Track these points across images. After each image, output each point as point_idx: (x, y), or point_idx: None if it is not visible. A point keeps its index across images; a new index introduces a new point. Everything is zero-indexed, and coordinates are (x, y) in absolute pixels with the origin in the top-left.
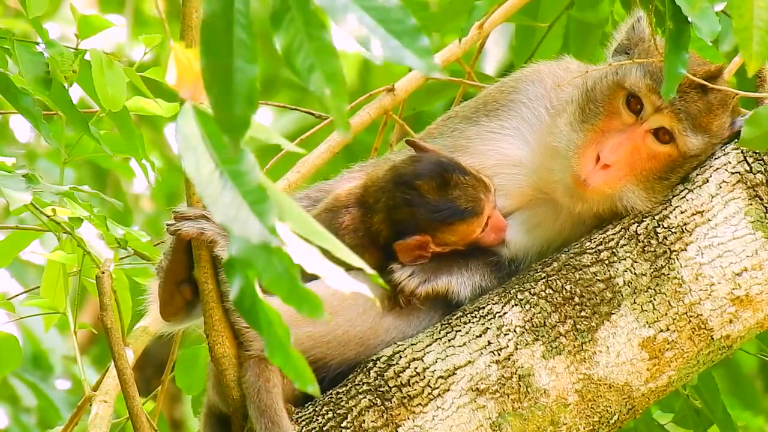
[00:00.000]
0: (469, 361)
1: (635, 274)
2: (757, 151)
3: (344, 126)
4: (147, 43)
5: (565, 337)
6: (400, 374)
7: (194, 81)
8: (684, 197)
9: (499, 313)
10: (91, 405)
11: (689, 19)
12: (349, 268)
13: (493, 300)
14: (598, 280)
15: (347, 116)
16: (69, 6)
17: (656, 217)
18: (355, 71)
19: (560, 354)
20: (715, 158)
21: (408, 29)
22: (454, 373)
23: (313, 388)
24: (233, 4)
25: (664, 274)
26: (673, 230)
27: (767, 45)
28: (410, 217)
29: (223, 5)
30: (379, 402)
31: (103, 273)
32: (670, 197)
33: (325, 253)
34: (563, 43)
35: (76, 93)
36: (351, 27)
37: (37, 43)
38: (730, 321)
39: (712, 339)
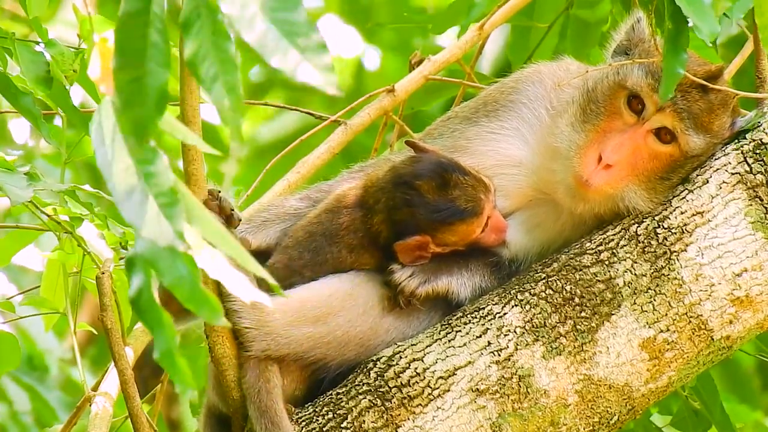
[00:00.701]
0: (469, 362)
1: (635, 274)
2: (758, 152)
3: (238, 137)
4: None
5: (566, 337)
6: (400, 375)
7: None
8: (684, 198)
9: (499, 313)
10: (90, 405)
11: (688, 20)
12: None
13: (493, 300)
14: (599, 281)
15: (241, 128)
16: (72, 6)
17: (656, 218)
18: (351, 75)
19: (560, 354)
20: (715, 159)
21: (312, 45)
22: (454, 374)
23: (191, 395)
24: (150, 6)
25: (664, 274)
26: (673, 231)
27: None
28: (410, 218)
29: (139, 7)
30: (379, 402)
31: (103, 273)
32: (670, 198)
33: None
34: (560, 42)
35: (75, 96)
36: (256, 38)
37: (38, 43)
38: (730, 321)
39: (713, 339)
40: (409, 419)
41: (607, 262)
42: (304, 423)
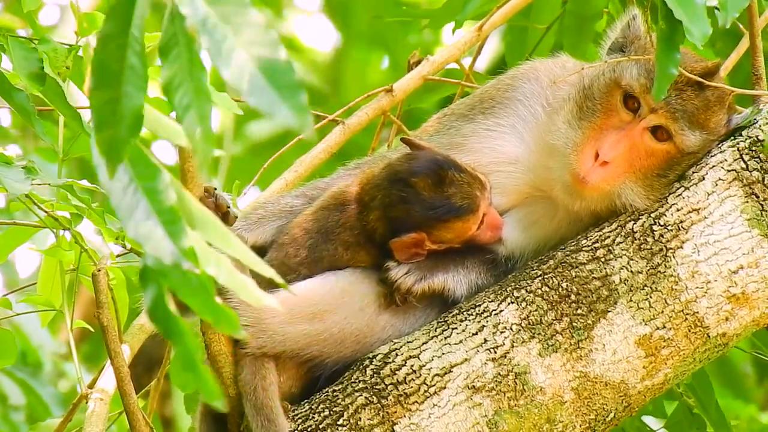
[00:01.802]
0: (466, 359)
1: (631, 271)
2: (754, 149)
3: (208, 167)
4: (147, 40)
5: (562, 334)
6: (397, 372)
7: None
8: (680, 195)
9: (495, 310)
10: (87, 402)
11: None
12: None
13: (489, 298)
14: (595, 278)
15: (210, 158)
16: (70, 4)
17: (652, 215)
18: (326, 69)
19: (556, 352)
20: (712, 156)
21: (289, 83)
22: (450, 371)
23: (220, 404)
24: (129, 29)
25: (660, 271)
26: (669, 228)
27: None
28: (406, 215)
29: (117, 29)
30: (375, 400)
31: (99, 270)
32: (667, 195)
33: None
34: (557, 38)
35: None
36: (232, 72)
37: (31, 39)
38: (727, 319)
39: (709, 337)
40: (405, 416)
41: (603, 259)
42: (300, 420)
